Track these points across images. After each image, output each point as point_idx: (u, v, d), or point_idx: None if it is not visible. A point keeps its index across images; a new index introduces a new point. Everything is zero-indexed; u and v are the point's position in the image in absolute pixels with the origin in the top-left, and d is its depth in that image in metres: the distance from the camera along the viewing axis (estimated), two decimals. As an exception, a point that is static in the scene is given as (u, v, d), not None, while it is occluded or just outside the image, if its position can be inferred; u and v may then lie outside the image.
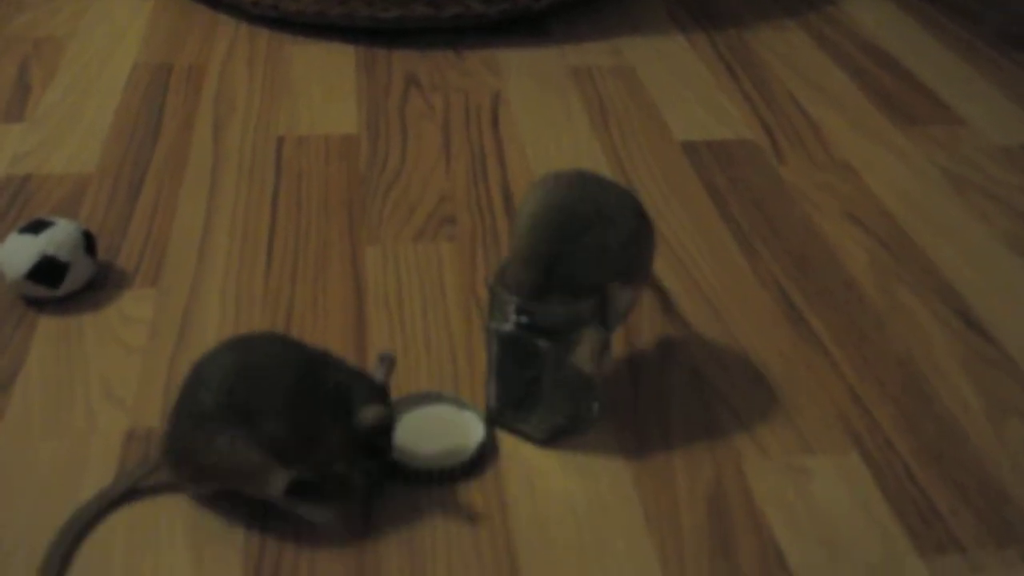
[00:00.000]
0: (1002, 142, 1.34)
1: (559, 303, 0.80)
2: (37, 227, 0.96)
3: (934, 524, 0.80)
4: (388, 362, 0.79)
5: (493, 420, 0.86)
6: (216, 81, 1.39)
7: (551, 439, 0.85)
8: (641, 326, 0.99)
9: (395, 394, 0.89)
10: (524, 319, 0.79)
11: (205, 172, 1.20)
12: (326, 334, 0.96)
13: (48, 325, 0.95)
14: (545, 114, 1.35)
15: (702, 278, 1.06)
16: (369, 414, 0.75)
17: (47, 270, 0.94)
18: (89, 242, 0.98)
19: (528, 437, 0.85)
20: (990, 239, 1.15)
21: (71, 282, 0.96)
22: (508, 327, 0.80)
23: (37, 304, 0.98)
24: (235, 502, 0.79)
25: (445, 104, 1.37)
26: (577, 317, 0.79)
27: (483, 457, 0.84)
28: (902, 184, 1.24)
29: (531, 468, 0.83)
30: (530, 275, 0.79)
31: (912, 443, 0.87)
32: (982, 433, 0.89)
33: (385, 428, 0.76)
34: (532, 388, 0.83)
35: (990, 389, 0.93)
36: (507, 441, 0.85)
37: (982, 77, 1.50)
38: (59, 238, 0.95)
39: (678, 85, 1.44)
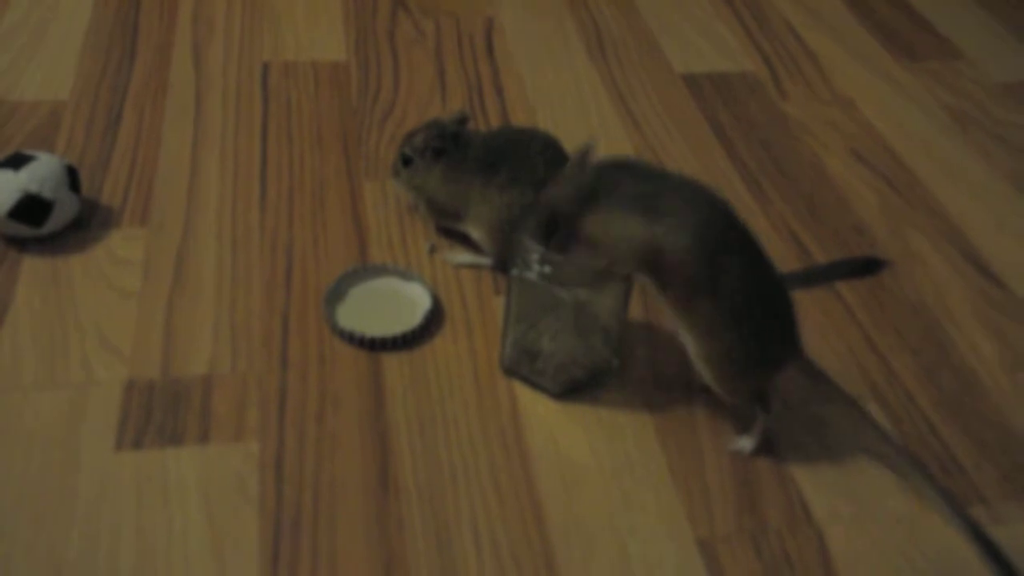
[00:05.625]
0: (1002, 79, 1.32)
1: (584, 254, 0.76)
2: (17, 162, 0.90)
3: (957, 477, 0.80)
4: None
5: (508, 372, 0.83)
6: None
7: (568, 392, 0.82)
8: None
9: (406, 342, 0.86)
10: (547, 269, 0.76)
11: (188, 99, 1.13)
12: (330, 275, 0.92)
13: (33, 266, 0.90)
14: (541, 42, 1.30)
15: (713, 220, 1.03)
16: None
17: (30, 208, 0.88)
18: (73, 178, 0.92)
19: (545, 390, 0.82)
20: (995, 179, 1.13)
21: (55, 221, 0.90)
22: (530, 276, 0.77)
23: (18, 243, 0.92)
24: (248, 454, 0.76)
25: (436, 30, 1.30)
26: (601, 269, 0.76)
27: (430, 324, 0.87)
28: (905, 121, 1.22)
29: (552, 423, 0.81)
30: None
31: (931, 395, 0.87)
32: (1000, 385, 0.88)
33: None
34: (551, 339, 0.80)
35: (1003, 337, 0.93)
36: (525, 396, 0.83)
37: (982, 10, 1.47)
38: (42, 174, 0.89)
39: (675, 12, 1.39)
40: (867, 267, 0.98)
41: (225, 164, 1.04)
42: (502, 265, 0.92)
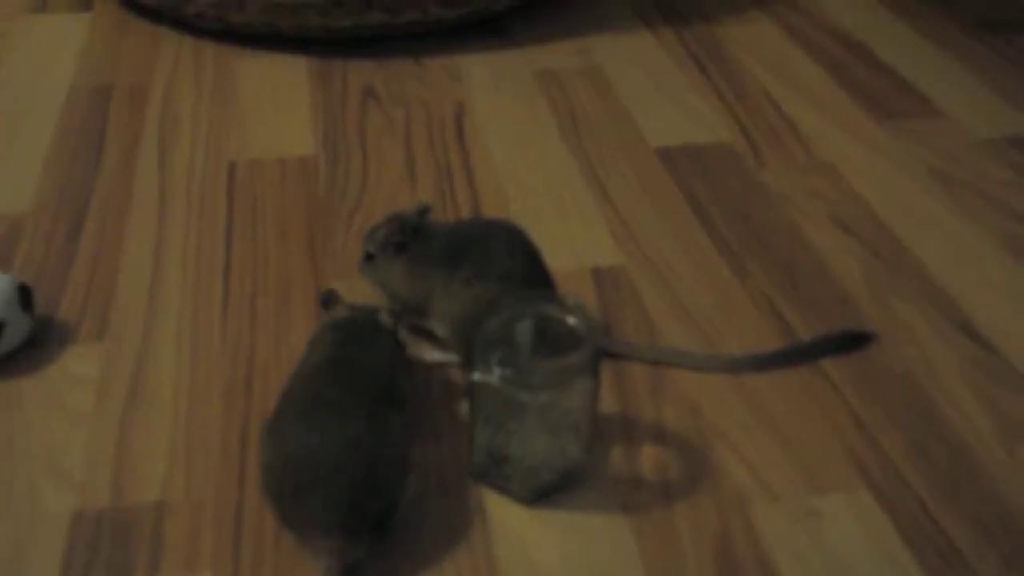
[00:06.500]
0: (985, 135, 1.29)
1: (547, 354, 0.73)
2: (-34, 283, 0.87)
3: (957, 567, 0.75)
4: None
5: (476, 477, 0.79)
6: (160, 102, 1.31)
7: (539, 497, 0.78)
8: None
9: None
10: (509, 371, 0.72)
11: (152, 205, 1.12)
12: (291, 384, 0.89)
13: (-16, 390, 0.87)
14: (512, 123, 1.28)
15: (690, 300, 1.00)
16: None
17: (-20, 331, 0.86)
18: (25, 297, 0.90)
19: (514, 496, 0.78)
20: (984, 241, 1.10)
21: (6, 342, 0.88)
22: (491, 379, 0.73)
23: (-29, 366, 0.89)
24: (200, 587, 0.72)
25: (406, 117, 1.29)
26: (566, 368, 0.72)
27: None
28: (888, 184, 1.19)
29: (523, 530, 0.76)
30: None
31: (925, 475, 0.82)
32: (996, 460, 0.83)
33: None
34: (518, 442, 0.76)
35: (999, 408, 0.88)
36: (494, 502, 0.78)
37: (959, 66, 1.45)
38: (-8, 294, 0.87)
39: (649, 85, 1.38)
40: (852, 342, 0.95)
41: (187, 270, 1.02)
42: (470, 362, 0.89)
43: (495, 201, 1.14)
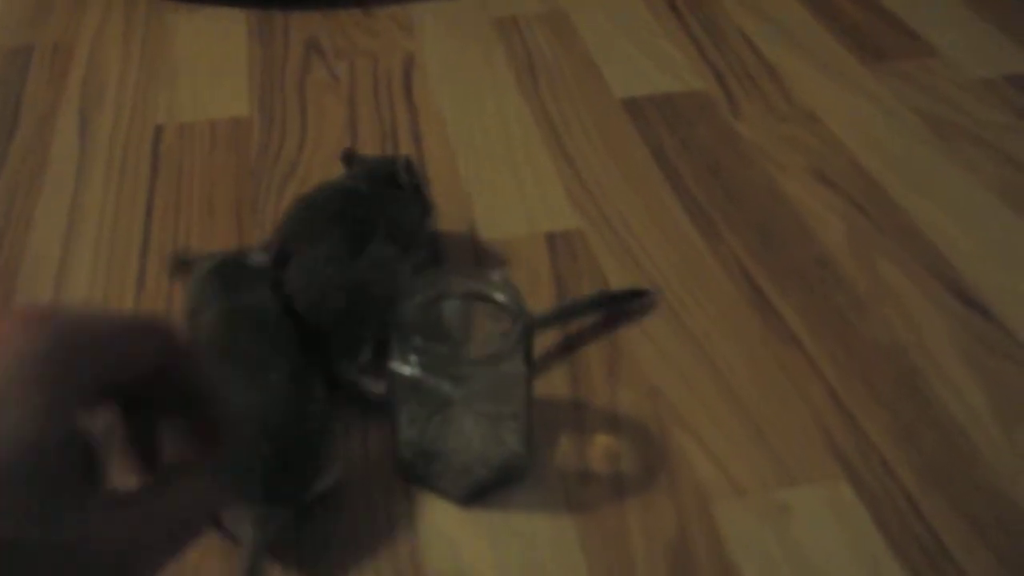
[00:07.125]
0: (981, 74, 1.18)
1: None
2: None
3: (944, 566, 0.66)
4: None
5: (404, 476, 0.71)
6: (85, 62, 1.20)
7: (474, 497, 0.69)
8: (584, 334, 0.83)
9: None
10: (425, 360, 0.63)
11: (68, 176, 1.02)
12: (206, 373, 0.80)
13: None
14: (466, 76, 1.18)
15: (653, 267, 0.91)
16: None
17: None
18: (-93, 282, 0.81)
19: (446, 496, 0.69)
20: (979, 190, 1.00)
21: None
22: (409, 370, 0.64)
23: None
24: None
25: (351, 71, 1.19)
26: (494, 354, 0.63)
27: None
28: (875, 132, 1.09)
29: (454, 535, 0.68)
30: None
31: (912, 462, 0.73)
32: (993, 444, 0.74)
33: None
34: (449, 437, 0.67)
35: (996, 383, 0.79)
36: (424, 503, 0.70)
37: None
38: None
39: (616, 30, 1.27)
40: (635, 296, 0.86)
41: (101, 246, 0.93)
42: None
43: (443, 162, 1.04)
